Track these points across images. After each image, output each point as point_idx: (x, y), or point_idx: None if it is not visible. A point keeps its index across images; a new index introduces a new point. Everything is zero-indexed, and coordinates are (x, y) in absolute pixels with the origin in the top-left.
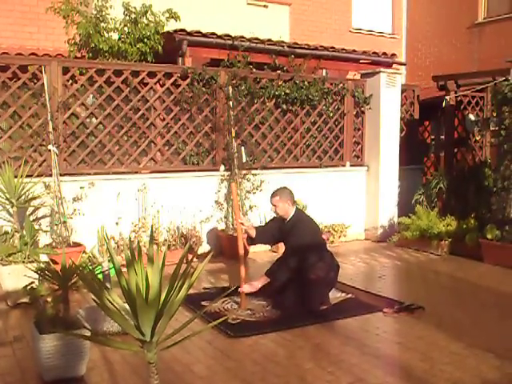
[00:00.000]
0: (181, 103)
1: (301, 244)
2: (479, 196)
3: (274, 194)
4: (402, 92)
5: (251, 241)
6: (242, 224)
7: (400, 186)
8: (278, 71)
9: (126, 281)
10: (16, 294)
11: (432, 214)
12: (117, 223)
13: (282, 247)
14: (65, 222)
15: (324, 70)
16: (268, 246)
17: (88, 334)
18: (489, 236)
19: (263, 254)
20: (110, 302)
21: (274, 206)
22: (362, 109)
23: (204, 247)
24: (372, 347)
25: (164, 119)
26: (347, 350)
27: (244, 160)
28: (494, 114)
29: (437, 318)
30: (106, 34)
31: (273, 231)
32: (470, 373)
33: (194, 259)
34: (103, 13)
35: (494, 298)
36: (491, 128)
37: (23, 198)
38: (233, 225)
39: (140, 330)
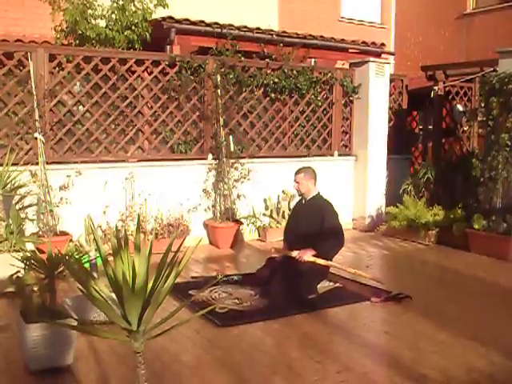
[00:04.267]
0: (169, 91)
1: (334, 225)
2: (466, 186)
3: (298, 172)
4: (391, 82)
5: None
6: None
7: (388, 176)
8: (267, 60)
9: (113, 269)
10: (2, 283)
11: (419, 203)
12: (104, 212)
13: (269, 235)
14: (51, 211)
15: (313, 59)
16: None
17: (75, 323)
18: (476, 226)
19: (256, 242)
20: (97, 291)
21: (297, 182)
22: (351, 98)
23: (191, 236)
24: (360, 336)
25: (152, 107)
26: (335, 338)
27: (232, 149)
28: (482, 105)
29: (424, 307)
30: (93, 21)
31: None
32: (456, 361)
33: (182, 248)
34: None
35: (480, 288)
36: (479, 118)
37: (9, 186)
38: (220, 214)
39: (126, 320)
